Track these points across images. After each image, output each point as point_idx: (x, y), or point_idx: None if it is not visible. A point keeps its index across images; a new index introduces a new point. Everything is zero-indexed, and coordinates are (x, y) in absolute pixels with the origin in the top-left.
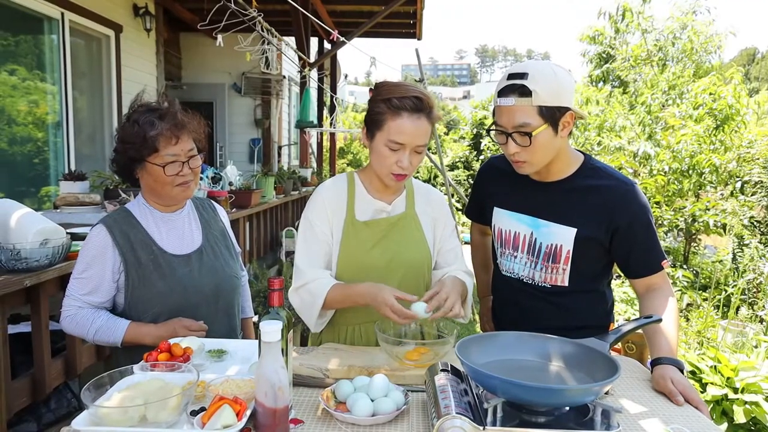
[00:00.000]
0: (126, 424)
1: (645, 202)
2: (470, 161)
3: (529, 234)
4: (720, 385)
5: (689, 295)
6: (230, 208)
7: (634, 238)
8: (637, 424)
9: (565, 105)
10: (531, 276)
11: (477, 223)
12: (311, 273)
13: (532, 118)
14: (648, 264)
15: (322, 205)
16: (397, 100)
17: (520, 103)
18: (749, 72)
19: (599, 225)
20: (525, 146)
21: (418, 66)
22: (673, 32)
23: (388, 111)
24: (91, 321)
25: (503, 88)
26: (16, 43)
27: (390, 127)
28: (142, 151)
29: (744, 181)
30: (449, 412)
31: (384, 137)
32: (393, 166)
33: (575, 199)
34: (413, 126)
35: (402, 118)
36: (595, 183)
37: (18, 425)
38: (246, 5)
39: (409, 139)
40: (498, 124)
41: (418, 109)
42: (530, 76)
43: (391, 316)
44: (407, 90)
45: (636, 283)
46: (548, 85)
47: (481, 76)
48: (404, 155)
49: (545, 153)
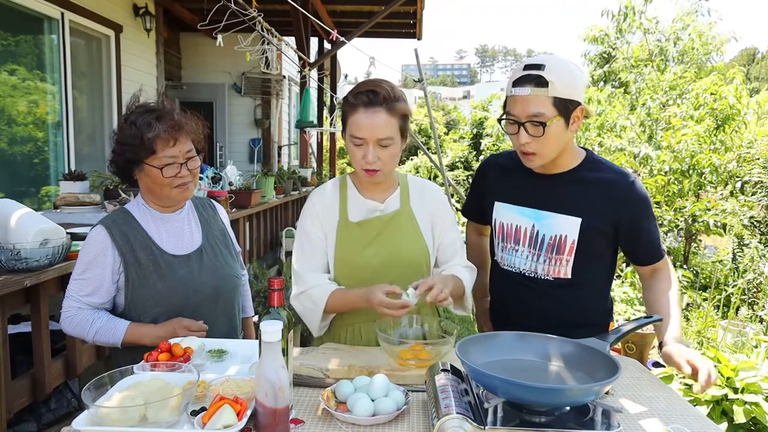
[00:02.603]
0: (126, 424)
1: (646, 195)
2: (470, 161)
3: (531, 226)
4: (720, 385)
5: (689, 295)
6: (230, 208)
7: (640, 230)
8: (637, 424)
9: (578, 99)
10: (533, 269)
11: (474, 223)
12: (310, 279)
13: (547, 108)
14: (654, 252)
15: (314, 211)
16: (352, 96)
17: (535, 92)
18: (749, 72)
19: (604, 216)
20: (537, 137)
21: (417, 66)
22: (675, 32)
23: (348, 108)
24: (90, 322)
25: (519, 78)
26: (16, 43)
27: (350, 123)
28: (139, 153)
29: (744, 181)
30: (449, 412)
31: (348, 134)
32: (361, 161)
33: (580, 190)
34: (369, 120)
35: (358, 113)
36: (598, 175)
37: (18, 425)
38: (246, 5)
39: (368, 132)
40: (511, 113)
41: (372, 102)
42: (547, 68)
43: (385, 312)
44: (363, 86)
45: (642, 270)
46: (564, 77)
47: (481, 76)
48: (368, 149)
49: (556, 145)
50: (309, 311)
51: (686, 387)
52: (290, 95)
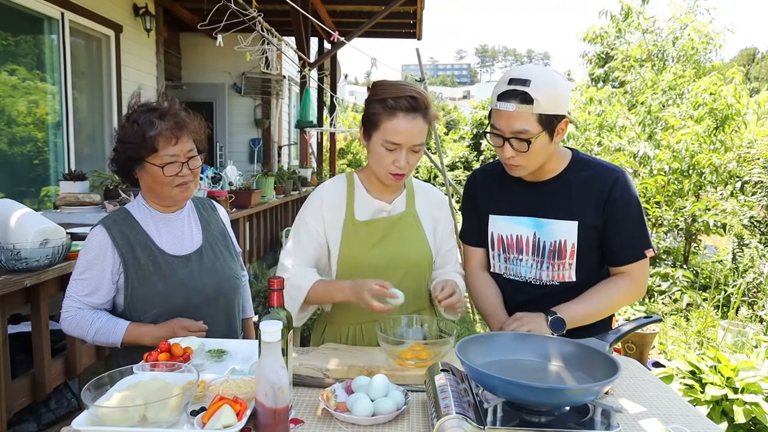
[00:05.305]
0: (126, 424)
1: (631, 194)
2: (470, 161)
3: (532, 235)
4: (720, 385)
5: (689, 295)
6: (230, 208)
7: (617, 228)
8: (637, 424)
9: (562, 113)
10: (538, 277)
11: (475, 248)
12: (294, 269)
13: (532, 125)
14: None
15: (320, 205)
16: (392, 100)
17: (520, 109)
18: (749, 72)
19: (596, 213)
20: (522, 152)
21: (419, 66)
22: (673, 32)
23: (384, 111)
24: (90, 322)
25: (504, 92)
26: (16, 43)
27: (386, 128)
28: (141, 151)
29: (744, 181)
30: (449, 412)
31: (380, 137)
32: (390, 166)
33: (571, 193)
34: (409, 126)
35: (397, 118)
36: (586, 174)
37: (18, 425)
38: (246, 5)
39: (405, 138)
40: (495, 127)
41: (414, 108)
42: (532, 84)
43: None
44: (403, 90)
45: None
46: (549, 93)
47: (481, 76)
48: (401, 155)
49: (540, 158)
50: (290, 298)
51: (686, 387)
52: (290, 95)
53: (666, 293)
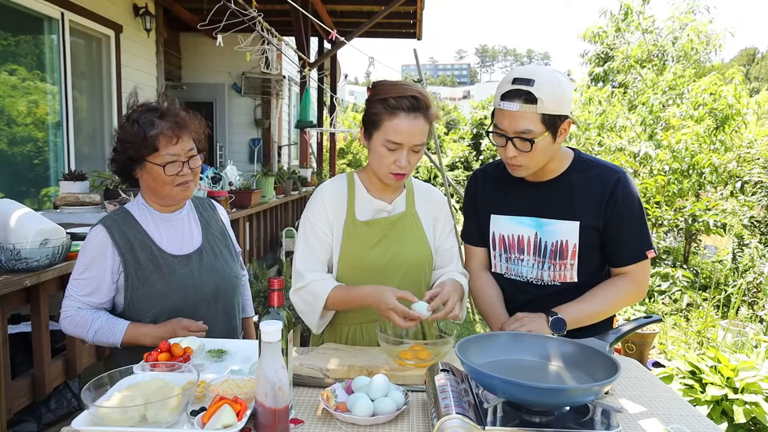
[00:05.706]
0: (126, 424)
1: (633, 195)
2: (470, 161)
3: (534, 235)
4: (720, 385)
5: (689, 295)
6: (230, 208)
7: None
8: (637, 424)
9: (565, 113)
10: (540, 277)
11: (477, 247)
12: (311, 274)
13: (535, 125)
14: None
15: (322, 206)
16: (393, 100)
17: (524, 109)
18: (749, 72)
19: (598, 213)
20: (525, 151)
21: (417, 67)
22: (673, 32)
23: (385, 111)
24: (90, 322)
25: (508, 91)
26: (16, 43)
27: (387, 127)
28: (141, 151)
29: (744, 181)
30: (449, 412)
31: (381, 137)
32: (391, 165)
33: (573, 193)
34: (410, 126)
35: (399, 118)
36: (588, 174)
37: (18, 425)
38: (246, 5)
39: (407, 138)
40: (499, 127)
41: (415, 108)
42: (537, 84)
43: (395, 319)
44: (404, 89)
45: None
46: (553, 93)
47: (481, 76)
48: (402, 155)
49: (542, 158)
50: (309, 305)
51: (686, 387)
52: (290, 95)
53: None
